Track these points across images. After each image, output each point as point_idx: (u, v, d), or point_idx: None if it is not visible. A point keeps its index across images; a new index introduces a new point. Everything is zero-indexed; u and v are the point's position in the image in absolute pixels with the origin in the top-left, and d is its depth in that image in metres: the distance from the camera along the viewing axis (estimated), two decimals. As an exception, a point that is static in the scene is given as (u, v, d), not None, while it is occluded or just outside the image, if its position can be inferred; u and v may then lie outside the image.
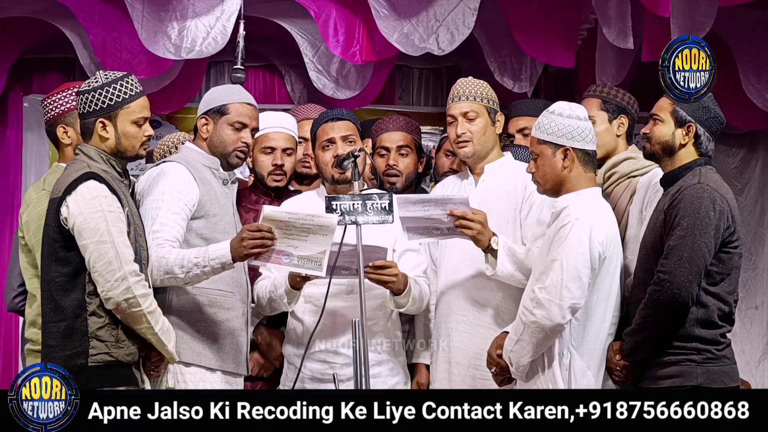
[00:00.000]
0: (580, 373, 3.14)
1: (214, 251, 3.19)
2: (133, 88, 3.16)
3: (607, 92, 3.64)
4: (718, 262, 3.04)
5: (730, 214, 3.04)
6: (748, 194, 5.48)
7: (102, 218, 3.01)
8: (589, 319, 3.17)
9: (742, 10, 4.35)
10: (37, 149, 5.14)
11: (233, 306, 3.44)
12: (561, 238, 3.12)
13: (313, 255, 3.20)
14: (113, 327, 3.05)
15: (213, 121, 3.49)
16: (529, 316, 3.12)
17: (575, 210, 3.15)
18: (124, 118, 3.14)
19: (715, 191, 3.03)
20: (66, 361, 2.99)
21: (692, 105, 3.14)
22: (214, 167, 3.50)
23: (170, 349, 3.15)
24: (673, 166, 3.16)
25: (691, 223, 2.99)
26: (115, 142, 3.15)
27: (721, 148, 5.47)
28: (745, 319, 5.35)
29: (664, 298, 2.99)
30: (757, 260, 5.44)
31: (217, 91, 3.64)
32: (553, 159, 3.24)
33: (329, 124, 3.64)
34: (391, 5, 4.34)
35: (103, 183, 3.05)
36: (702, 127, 3.15)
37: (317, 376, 3.55)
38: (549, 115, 3.28)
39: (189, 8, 4.33)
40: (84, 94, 3.15)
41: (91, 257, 3.00)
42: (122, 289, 2.99)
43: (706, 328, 3.04)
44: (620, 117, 3.59)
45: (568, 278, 3.07)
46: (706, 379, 3.01)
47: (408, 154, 4.01)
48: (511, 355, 3.22)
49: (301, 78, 5.32)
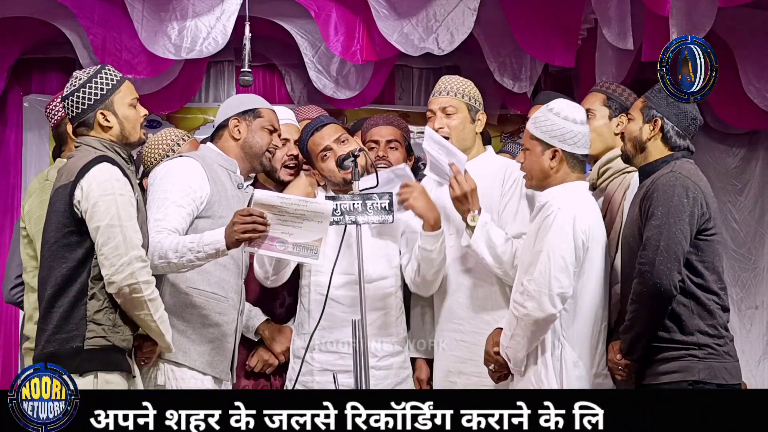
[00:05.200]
0: (571, 364, 3.16)
1: (208, 237, 3.18)
2: (115, 75, 3.21)
3: (614, 89, 3.66)
4: (697, 251, 3.06)
5: (704, 201, 3.06)
6: (748, 194, 5.49)
7: (113, 201, 3.00)
8: (578, 309, 3.18)
9: (742, 10, 4.35)
10: (37, 149, 5.14)
11: (225, 311, 3.42)
12: (545, 228, 3.14)
13: (309, 242, 3.17)
14: (111, 311, 3.04)
15: (246, 123, 3.54)
16: (521, 310, 3.13)
17: (557, 200, 3.17)
18: (120, 102, 3.18)
19: (687, 179, 3.06)
20: (61, 344, 2.98)
21: (661, 101, 3.18)
22: (231, 169, 3.52)
23: (168, 339, 3.14)
24: (645, 160, 3.20)
25: (665, 211, 3.01)
26: (119, 128, 3.17)
27: (721, 148, 5.48)
28: (745, 319, 5.36)
29: (648, 290, 3.01)
30: (757, 260, 5.44)
31: (245, 96, 3.72)
32: (542, 157, 3.27)
33: (317, 134, 3.66)
34: (391, 5, 4.34)
35: (116, 166, 3.06)
36: (669, 122, 3.17)
37: (326, 367, 3.56)
38: (547, 113, 3.29)
39: (189, 8, 4.34)
40: (72, 94, 3.16)
41: (100, 240, 2.99)
42: (126, 274, 2.98)
43: (705, 319, 3.06)
44: (621, 116, 3.60)
45: (555, 268, 3.08)
46: (707, 375, 3.02)
47: (397, 148, 4.01)
48: (508, 351, 3.23)
49: (301, 78, 5.33)
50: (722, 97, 4.83)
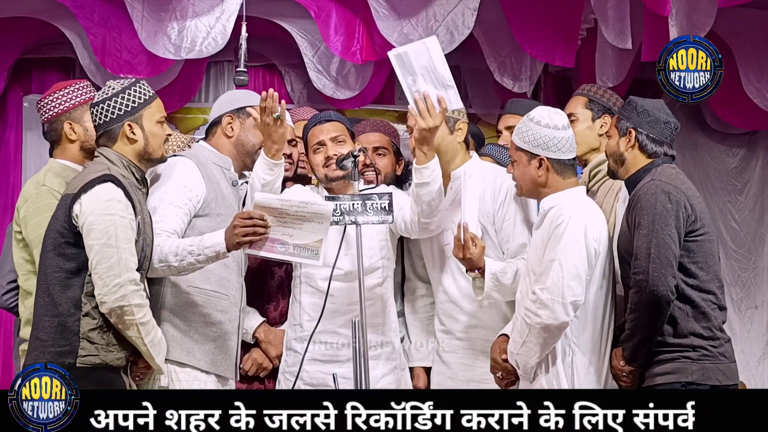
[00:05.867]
0: (583, 370, 3.17)
1: (208, 240, 3.19)
2: (148, 90, 3.25)
3: (594, 92, 3.69)
4: (688, 252, 3.08)
5: (687, 203, 3.08)
6: (748, 194, 5.49)
7: (112, 222, 3.01)
8: (588, 315, 3.20)
9: (742, 10, 4.35)
10: (37, 149, 5.13)
11: (227, 309, 3.43)
12: (557, 237, 3.15)
13: (310, 244, 3.19)
14: (105, 330, 3.04)
15: (239, 121, 3.54)
16: (534, 318, 3.13)
17: (567, 209, 3.18)
18: (149, 118, 3.21)
19: (668, 184, 3.09)
20: (54, 357, 2.97)
21: (631, 112, 3.21)
22: (225, 166, 3.52)
23: (158, 362, 3.14)
24: (628, 172, 3.23)
25: (650, 219, 3.04)
26: (143, 143, 3.19)
27: (721, 148, 5.48)
28: (744, 319, 5.36)
29: (645, 298, 3.03)
30: (757, 260, 5.44)
31: (239, 93, 3.70)
32: (528, 166, 3.28)
33: (318, 127, 3.68)
34: (391, 5, 4.34)
35: (120, 187, 3.06)
36: (643, 131, 3.19)
37: (317, 357, 3.58)
38: (527, 123, 3.30)
39: (189, 8, 4.34)
40: (103, 102, 3.18)
41: (94, 258, 3.00)
42: (118, 296, 2.98)
43: (699, 321, 3.08)
44: (604, 117, 3.63)
45: (568, 276, 3.09)
46: (700, 376, 3.03)
47: (385, 155, 3.98)
48: (518, 358, 3.23)
49: (301, 78, 5.32)
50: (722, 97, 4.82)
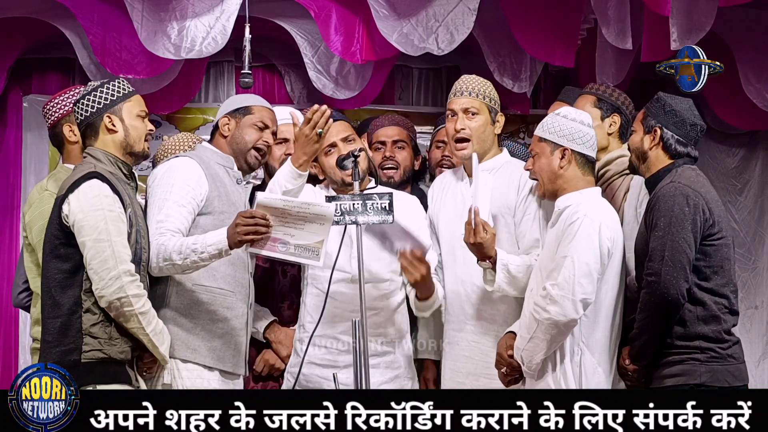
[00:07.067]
0: (591, 370, 3.18)
1: (211, 237, 3.22)
2: (127, 86, 3.30)
3: (603, 90, 3.69)
4: (704, 256, 3.08)
5: (706, 207, 3.08)
6: (748, 194, 5.48)
7: (102, 217, 3.05)
8: (598, 315, 3.20)
9: (742, 10, 4.35)
10: (37, 149, 5.13)
11: (233, 306, 3.45)
12: (570, 235, 3.15)
13: (311, 244, 3.21)
14: (107, 324, 3.08)
15: (236, 121, 3.58)
16: (543, 314, 3.14)
17: (582, 207, 3.19)
18: (128, 111, 3.25)
19: (687, 187, 3.09)
20: (60, 356, 3.02)
21: (659, 110, 3.22)
22: (228, 165, 3.55)
23: (162, 351, 3.17)
24: (650, 171, 3.24)
25: (667, 222, 3.05)
26: (123, 135, 3.23)
27: (721, 148, 5.47)
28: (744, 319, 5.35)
29: (655, 300, 3.04)
30: (757, 260, 5.44)
31: (240, 96, 3.78)
32: (551, 157, 3.30)
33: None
34: (391, 5, 4.33)
35: (106, 183, 3.10)
36: (669, 131, 3.18)
37: (315, 361, 3.58)
38: (554, 117, 3.34)
39: (189, 8, 4.33)
40: (83, 98, 3.24)
41: (88, 254, 3.04)
42: (115, 288, 3.02)
43: (709, 324, 3.08)
44: (613, 116, 3.64)
45: (579, 274, 3.10)
46: (709, 378, 3.04)
47: (404, 148, 4.04)
48: (524, 354, 3.24)
49: (300, 78, 5.32)
50: (722, 97, 4.83)
